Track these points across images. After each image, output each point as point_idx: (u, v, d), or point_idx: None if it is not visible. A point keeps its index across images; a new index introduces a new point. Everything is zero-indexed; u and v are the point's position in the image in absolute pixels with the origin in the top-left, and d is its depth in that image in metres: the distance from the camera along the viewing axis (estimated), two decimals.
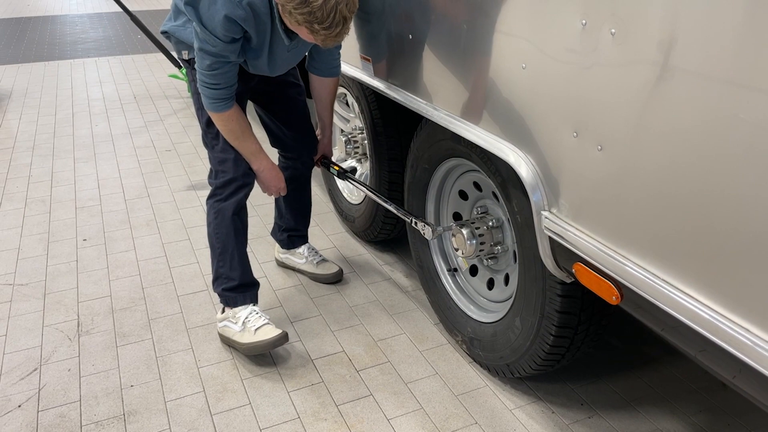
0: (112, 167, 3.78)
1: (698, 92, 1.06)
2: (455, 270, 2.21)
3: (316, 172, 3.52)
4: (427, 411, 1.91)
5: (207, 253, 2.56)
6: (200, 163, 3.82)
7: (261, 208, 3.21)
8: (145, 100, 5.13)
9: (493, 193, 1.95)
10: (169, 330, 2.28)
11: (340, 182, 2.96)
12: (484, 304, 2.09)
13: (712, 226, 1.09)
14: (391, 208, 2.22)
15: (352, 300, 2.46)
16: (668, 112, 1.12)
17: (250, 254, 2.34)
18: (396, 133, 2.43)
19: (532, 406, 1.92)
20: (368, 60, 2.22)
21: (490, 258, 2.00)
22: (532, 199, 1.50)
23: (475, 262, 2.11)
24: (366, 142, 2.68)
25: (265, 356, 2.13)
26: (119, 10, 8.67)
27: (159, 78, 5.84)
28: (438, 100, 1.85)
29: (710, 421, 1.87)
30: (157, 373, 2.07)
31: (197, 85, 1.94)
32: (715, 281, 1.11)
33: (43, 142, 4.21)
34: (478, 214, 2.01)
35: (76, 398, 1.97)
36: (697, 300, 1.15)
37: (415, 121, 2.21)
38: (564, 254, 1.48)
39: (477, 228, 1.93)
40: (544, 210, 1.50)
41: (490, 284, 2.08)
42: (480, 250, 1.93)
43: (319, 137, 2.40)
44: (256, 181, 2.16)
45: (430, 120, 1.96)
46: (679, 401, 1.94)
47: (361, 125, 2.72)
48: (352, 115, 2.80)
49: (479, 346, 2.00)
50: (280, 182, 2.19)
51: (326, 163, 2.46)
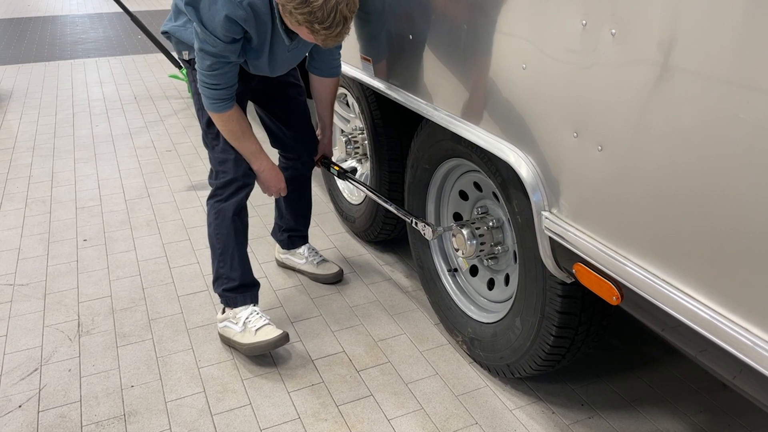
0: (112, 167, 3.78)
1: (698, 92, 1.06)
2: (455, 270, 2.21)
3: (317, 173, 3.52)
4: (427, 411, 1.91)
5: (207, 253, 2.55)
6: (200, 164, 3.82)
7: (261, 209, 3.21)
8: (146, 101, 5.13)
9: (494, 194, 1.95)
10: (169, 330, 2.28)
11: (340, 182, 2.96)
12: (485, 305, 2.09)
13: (712, 226, 1.09)
14: (391, 209, 2.22)
15: (352, 300, 2.46)
16: (668, 112, 1.12)
17: (250, 254, 2.34)
18: (396, 134, 2.43)
19: (532, 406, 1.93)
20: (368, 60, 2.22)
21: (491, 258, 2.00)
22: (533, 199, 1.51)
23: (476, 262, 2.11)
24: (366, 142, 2.68)
25: (265, 356, 2.13)
26: (119, 10, 8.69)
27: (159, 78, 5.84)
28: (438, 101, 1.85)
29: (710, 421, 1.87)
30: (158, 374, 2.07)
31: (197, 86, 1.94)
32: (715, 281, 1.11)
33: (44, 143, 4.21)
34: (478, 214, 2.01)
35: (77, 398, 1.97)
36: (698, 300, 1.15)
37: (415, 121, 2.21)
38: (564, 254, 1.48)
39: (477, 228, 1.93)
40: (545, 210, 1.50)
41: (491, 284, 2.08)
42: (480, 251, 1.93)
43: (319, 137, 2.40)
44: (256, 182, 2.16)
45: (430, 120, 1.96)
46: (680, 401, 1.94)
47: (361, 125, 2.72)
48: (352, 116, 2.80)
49: (479, 347, 2.00)
50: (280, 183, 2.19)
51: (326, 163, 2.46)
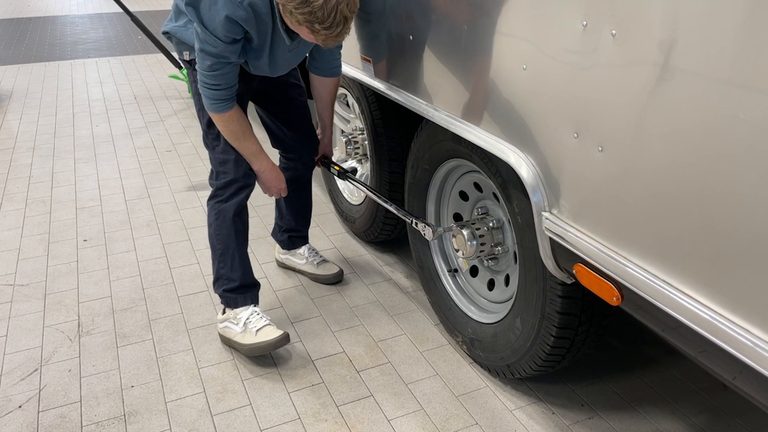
0: (112, 168, 3.78)
1: (698, 93, 1.06)
2: (456, 271, 2.21)
3: (317, 173, 3.53)
4: (427, 412, 1.91)
5: (207, 253, 2.55)
6: (201, 164, 3.82)
7: (261, 209, 3.21)
8: (146, 101, 5.13)
9: (494, 194, 1.95)
10: (169, 330, 2.28)
11: (340, 183, 2.96)
12: (485, 305, 2.09)
13: (712, 227, 1.09)
14: (391, 209, 2.22)
15: (352, 301, 2.46)
16: (669, 112, 1.12)
17: (250, 255, 2.34)
18: (396, 134, 2.43)
19: (532, 406, 1.93)
20: (369, 61, 2.22)
21: (491, 259, 2.00)
22: (533, 199, 1.51)
23: (476, 262, 2.11)
24: (366, 142, 2.69)
25: (265, 357, 2.13)
26: (120, 10, 8.69)
27: (159, 78, 5.84)
28: (438, 101, 1.86)
29: (711, 421, 1.87)
30: (158, 374, 2.07)
31: (198, 86, 1.94)
32: (716, 282, 1.11)
33: (44, 143, 4.21)
34: (478, 214, 2.01)
35: (77, 399, 1.97)
36: (698, 301, 1.15)
37: (415, 121, 2.21)
38: (564, 255, 1.48)
39: (477, 229, 1.93)
40: (545, 211, 1.50)
41: (491, 285, 2.08)
42: (480, 251, 1.93)
43: (319, 137, 2.40)
44: (257, 182, 2.16)
45: (430, 121, 1.96)
46: (680, 402, 1.94)
47: (361, 126, 2.72)
48: (352, 116, 2.80)
49: (480, 347, 2.00)
50: (281, 183, 2.19)
51: (327, 163, 2.46)
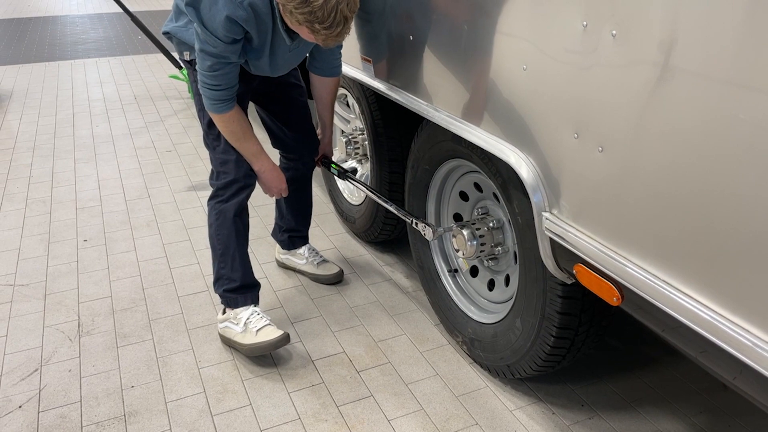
0: (112, 168, 3.78)
1: (698, 93, 1.06)
2: (456, 271, 2.21)
3: (317, 173, 3.53)
4: (427, 412, 1.91)
5: (207, 253, 2.56)
6: (201, 164, 3.82)
7: (261, 209, 3.21)
8: (146, 101, 5.13)
9: (494, 194, 1.95)
10: (169, 331, 2.28)
11: (340, 183, 2.96)
12: (485, 305, 2.09)
13: (712, 227, 1.09)
14: (391, 209, 2.22)
15: (352, 301, 2.46)
16: (669, 112, 1.12)
17: (250, 255, 2.34)
18: (397, 134, 2.43)
19: (532, 407, 1.93)
20: (369, 61, 2.22)
21: (491, 259, 2.00)
22: (533, 200, 1.51)
23: (476, 263, 2.11)
24: (366, 142, 2.69)
25: (265, 357, 2.13)
26: (120, 10, 8.69)
27: (159, 79, 5.84)
28: (439, 101, 1.86)
29: (711, 421, 1.87)
30: (158, 374, 2.07)
31: (198, 86, 1.94)
32: (716, 282, 1.11)
33: (44, 143, 4.21)
34: (478, 215, 2.01)
35: (77, 399, 1.97)
36: (698, 301, 1.15)
37: (415, 122, 2.21)
38: (565, 255, 1.48)
39: (478, 229, 1.93)
40: (545, 211, 1.50)
41: (491, 285, 2.08)
42: (480, 251, 1.93)
43: (319, 137, 2.40)
44: (257, 183, 2.16)
45: (430, 121, 1.96)
46: (680, 402, 1.94)
47: (361, 126, 2.72)
48: (352, 116, 2.80)
49: (480, 347, 2.00)
50: (281, 183, 2.19)
51: (327, 163, 2.46)
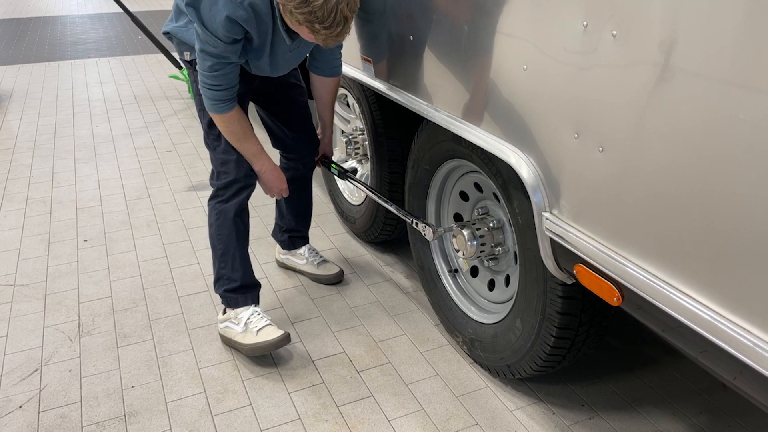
0: (112, 168, 3.78)
1: (699, 93, 1.06)
2: (456, 271, 2.21)
3: (317, 173, 3.53)
4: (427, 412, 1.91)
5: (208, 253, 2.56)
6: (201, 164, 3.82)
7: (262, 209, 3.21)
8: (146, 101, 5.13)
9: (494, 194, 1.95)
10: (169, 331, 2.29)
11: (340, 183, 2.96)
12: (485, 305, 2.09)
13: (712, 227, 1.09)
14: (392, 209, 2.22)
15: (352, 301, 2.46)
16: (669, 112, 1.12)
17: (251, 255, 2.34)
18: (397, 134, 2.43)
19: (532, 407, 1.93)
20: (369, 61, 2.22)
21: (491, 259, 2.00)
22: (533, 200, 1.51)
23: (476, 263, 2.11)
24: (367, 143, 2.69)
25: (265, 357, 2.13)
26: (120, 10, 8.69)
27: (159, 79, 5.84)
28: (439, 102, 1.86)
29: (711, 421, 1.87)
30: (158, 374, 2.07)
31: (199, 87, 1.94)
32: (716, 282, 1.11)
33: (44, 143, 4.21)
34: (478, 215, 2.01)
35: (77, 399, 1.97)
36: (698, 301, 1.15)
37: (416, 122, 2.22)
38: (565, 255, 1.48)
39: (478, 229, 1.93)
40: (545, 211, 1.50)
41: (491, 285, 2.08)
42: (481, 251, 1.93)
43: (320, 137, 2.40)
44: (257, 183, 2.16)
45: (431, 121, 1.96)
46: (680, 402, 1.95)
47: (361, 126, 2.72)
48: (352, 116, 2.80)
49: (480, 347, 2.00)
50: (282, 183, 2.19)
51: (327, 163, 2.46)
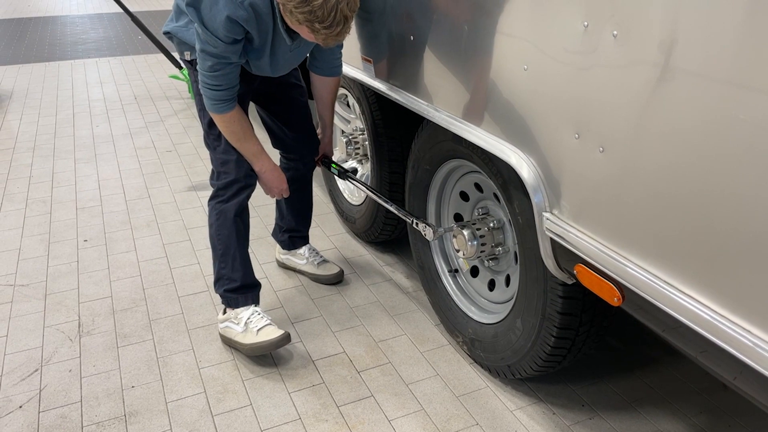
0: (112, 168, 3.78)
1: (699, 93, 1.06)
2: (456, 271, 2.21)
3: (317, 173, 3.53)
4: (428, 412, 1.91)
5: (208, 253, 2.56)
6: (201, 164, 3.82)
7: (262, 209, 3.21)
8: (146, 101, 5.13)
9: (495, 195, 1.95)
10: (170, 331, 2.29)
11: (341, 183, 2.96)
12: (485, 305, 2.09)
13: (713, 227, 1.09)
14: (392, 209, 2.22)
15: (352, 301, 2.46)
16: (669, 112, 1.12)
17: (251, 255, 2.34)
18: (397, 134, 2.43)
19: (533, 407, 1.93)
20: (369, 61, 2.22)
21: (491, 259, 2.00)
22: (534, 200, 1.51)
23: (476, 263, 2.11)
24: (367, 143, 2.69)
25: (266, 357, 2.13)
26: (120, 10, 8.69)
27: (160, 79, 5.84)
28: (439, 102, 1.86)
29: (711, 422, 1.87)
30: (158, 374, 2.07)
31: (199, 87, 1.94)
32: (716, 282, 1.11)
33: (44, 143, 4.21)
34: (479, 215, 2.01)
35: (77, 399, 1.97)
36: (698, 301, 1.15)
37: (416, 122, 2.22)
38: (565, 255, 1.48)
39: (478, 229, 1.93)
40: (546, 211, 1.50)
41: (491, 285, 2.08)
42: (481, 251, 1.93)
43: (320, 137, 2.40)
44: (258, 183, 2.16)
45: (431, 121, 1.96)
46: (680, 402, 1.95)
47: (362, 126, 2.73)
48: (353, 116, 2.80)
49: (480, 347, 2.00)
50: (282, 183, 2.19)
51: (327, 163, 2.46)
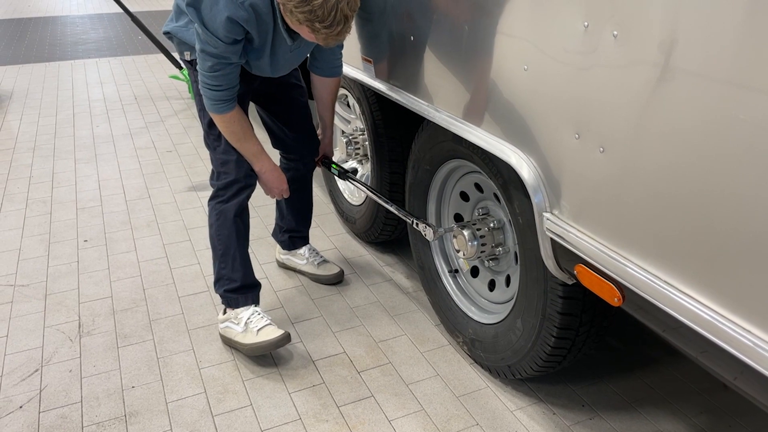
0: (112, 168, 3.78)
1: (699, 93, 1.06)
2: (456, 271, 2.21)
3: (317, 173, 3.53)
4: (428, 412, 1.91)
5: (208, 254, 2.56)
6: (201, 164, 3.82)
7: (262, 209, 3.21)
8: (146, 101, 5.13)
9: (495, 195, 1.95)
10: (170, 331, 2.29)
11: (341, 183, 2.96)
12: (486, 306, 2.09)
13: (712, 227, 1.09)
14: (392, 209, 2.22)
15: (353, 301, 2.46)
16: (669, 112, 1.12)
17: (251, 255, 2.34)
18: (397, 135, 2.43)
19: (533, 407, 1.93)
20: (369, 61, 2.22)
21: (492, 259, 2.00)
22: (534, 200, 1.51)
23: (477, 263, 2.11)
24: (367, 143, 2.69)
25: (266, 357, 2.13)
26: (120, 10, 8.69)
27: (160, 79, 5.84)
28: (439, 102, 1.86)
29: (711, 422, 1.87)
30: (159, 374, 2.07)
31: (199, 87, 1.94)
32: (716, 282, 1.11)
33: (44, 143, 4.21)
34: (479, 215, 2.01)
35: (78, 399, 1.97)
36: (698, 301, 1.15)
37: (416, 122, 2.22)
38: (565, 255, 1.48)
39: (478, 229, 1.93)
40: (546, 211, 1.50)
41: (492, 285, 2.08)
42: (481, 252, 1.93)
43: (320, 138, 2.40)
44: (258, 183, 2.16)
45: (431, 121, 1.96)
46: (681, 402, 1.95)
47: (362, 126, 2.73)
48: (353, 117, 2.80)
49: (480, 348, 2.00)
50: (282, 184, 2.19)
51: (327, 163, 2.46)
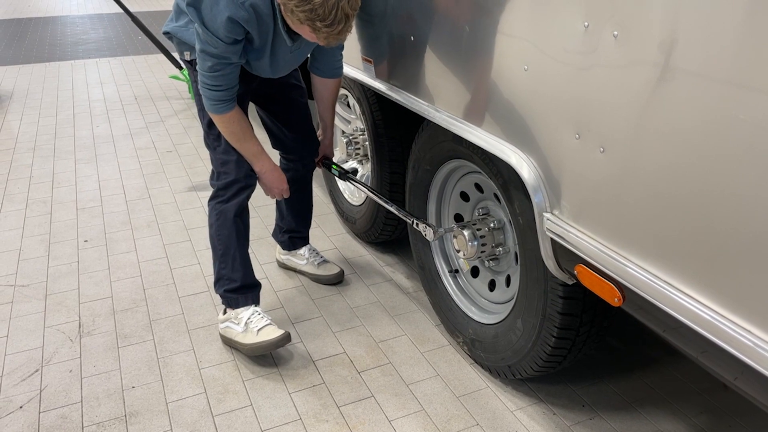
0: (113, 168, 3.78)
1: (699, 93, 1.06)
2: (456, 271, 2.21)
3: (317, 173, 3.53)
4: (428, 412, 1.91)
5: (208, 254, 2.56)
6: (201, 164, 3.82)
7: (262, 210, 3.21)
8: (146, 101, 5.13)
9: (495, 195, 1.95)
10: (170, 331, 2.29)
11: (341, 183, 2.96)
12: (486, 306, 2.09)
13: (712, 227, 1.09)
14: (392, 209, 2.22)
15: (353, 301, 2.46)
16: (669, 112, 1.13)
17: (251, 255, 2.34)
18: (397, 135, 2.43)
19: (533, 407, 1.93)
20: (370, 61, 2.22)
21: (492, 259, 2.00)
22: (534, 200, 1.51)
23: (477, 263, 2.11)
24: (367, 143, 2.69)
25: (266, 357, 2.13)
26: (120, 11, 8.69)
27: (160, 79, 5.84)
28: (440, 102, 1.86)
29: (712, 422, 1.87)
30: (159, 375, 2.07)
31: (199, 87, 1.94)
32: (716, 282, 1.11)
33: (44, 143, 4.21)
34: (479, 215, 2.01)
35: (78, 399, 1.97)
36: (699, 301, 1.15)
37: (416, 122, 2.22)
38: (566, 256, 1.48)
39: (478, 229, 1.93)
40: (546, 211, 1.50)
41: (492, 286, 2.08)
42: (481, 252, 1.93)
43: (320, 138, 2.40)
44: (258, 183, 2.16)
45: (431, 122, 1.96)
46: (681, 402, 1.95)
47: (362, 126, 2.73)
48: (353, 117, 2.80)
49: (480, 348, 2.00)
50: (282, 184, 2.19)
51: (327, 163, 2.46)
